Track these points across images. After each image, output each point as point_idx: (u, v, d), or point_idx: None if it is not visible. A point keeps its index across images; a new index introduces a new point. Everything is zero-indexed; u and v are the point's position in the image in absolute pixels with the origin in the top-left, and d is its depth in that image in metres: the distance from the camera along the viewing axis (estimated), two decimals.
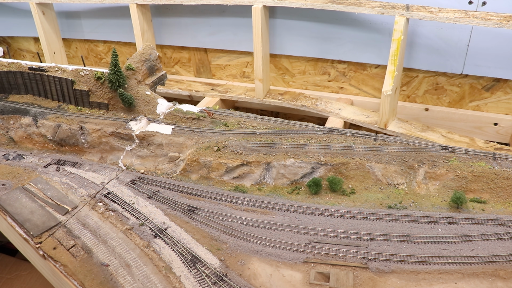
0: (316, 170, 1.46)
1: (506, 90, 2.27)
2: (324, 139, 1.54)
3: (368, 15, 2.29)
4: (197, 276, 1.13)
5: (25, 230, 1.32)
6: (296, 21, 2.51)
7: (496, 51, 2.14)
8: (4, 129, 1.84)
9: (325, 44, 2.51)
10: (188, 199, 1.44)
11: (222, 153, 1.51)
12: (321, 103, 2.44)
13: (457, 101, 2.41)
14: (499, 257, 1.11)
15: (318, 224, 1.28)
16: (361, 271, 1.11)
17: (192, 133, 1.65)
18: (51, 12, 2.98)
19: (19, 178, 1.56)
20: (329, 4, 2.15)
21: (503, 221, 1.23)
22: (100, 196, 1.47)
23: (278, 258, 1.17)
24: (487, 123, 2.32)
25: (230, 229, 1.28)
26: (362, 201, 1.37)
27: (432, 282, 1.07)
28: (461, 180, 1.37)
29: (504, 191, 1.33)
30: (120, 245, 1.25)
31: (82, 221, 1.36)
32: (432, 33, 2.23)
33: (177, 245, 1.23)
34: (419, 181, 1.41)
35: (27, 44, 3.58)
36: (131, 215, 1.37)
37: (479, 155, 1.42)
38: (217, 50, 2.88)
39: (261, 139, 1.56)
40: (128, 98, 1.72)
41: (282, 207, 1.37)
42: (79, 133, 1.72)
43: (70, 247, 1.26)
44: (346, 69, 2.58)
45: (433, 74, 2.38)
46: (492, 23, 1.83)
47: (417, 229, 1.24)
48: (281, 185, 1.48)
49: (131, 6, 2.61)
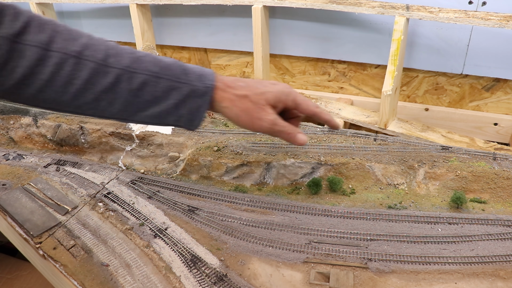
0: (316, 170, 1.46)
1: (506, 90, 2.27)
2: (324, 139, 1.54)
3: (368, 15, 2.29)
4: (197, 276, 1.13)
5: (25, 230, 1.32)
6: (296, 21, 2.51)
7: (496, 51, 2.14)
8: (4, 129, 1.84)
9: (325, 44, 2.51)
10: (188, 199, 1.44)
11: (222, 153, 1.51)
12: (321, 103, 2.44)
13: (457, 101, 2.41)
14: (499, 257, 1.11)
15: (318, 224, 1.28)
16: (361, 271, 1.11)
17: (192, 133, 1.65)
18: (51, 12, 2.98)
19: (19, 178, 1.56)
20: (329, 4, 2.15)
21: (503, 221, 1.23)
22: (100, 196, 1.47)
23: (278, 258, 1.17)
24: (487, 123, 2.32)
25: (230, 229, 1.28)
26: (362, 201, 1.37)
27: (432, 282, 1.07)
28: (461, 180, 1.37)
29: (504, 191, 1.33)
30: (120, 245, 1.25)
31: (82, 221, 1.36)
32: (432, 33, 2.23)
33: (177, 245, 1.23)
34: (419, 181, 1.41)
35: None
36: (131, 215, 1.37)
37: (479, 155, 1.42)
38: (217, 50, 2.88)
39: (261, 139, 1.56)
40: None
41: (282, 207, 1.37)
42: (79, 133, 1.72)
43: (70, 247, 1.26)
44: (346, 69, 2.58)
45: (433, 74, 2.38)
46: (492, 23, 1.83)
47: (417, 229, 1.24)
48: (281, 185, 1.48)
49: (131, 6, 2.61)
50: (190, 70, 1.06)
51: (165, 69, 1.05)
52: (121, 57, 1.03)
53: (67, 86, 1.02)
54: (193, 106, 1.04)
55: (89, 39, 1.03)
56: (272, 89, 1.08)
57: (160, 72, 1.04)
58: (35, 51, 0.98)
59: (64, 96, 1.03)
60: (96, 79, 1.02)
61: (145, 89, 1.04)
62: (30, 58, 0.98)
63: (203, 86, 1.04)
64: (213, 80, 1.06)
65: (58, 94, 1.03)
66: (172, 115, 1.06)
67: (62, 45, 1.00)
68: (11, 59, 0.98)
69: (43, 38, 0.99)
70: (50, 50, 0.99)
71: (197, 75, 1.05)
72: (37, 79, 1.00)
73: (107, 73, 1.02)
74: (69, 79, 1.01)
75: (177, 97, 1.04)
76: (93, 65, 1.01)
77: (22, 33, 0.98)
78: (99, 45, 1.03)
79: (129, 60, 1.03)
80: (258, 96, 1.05)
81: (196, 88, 1.04)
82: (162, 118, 1.07)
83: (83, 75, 1.01)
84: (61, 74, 1.00)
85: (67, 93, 1.03)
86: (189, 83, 1.04)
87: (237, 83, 1.07)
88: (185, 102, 1.04)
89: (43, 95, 1.03)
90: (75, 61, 1.00)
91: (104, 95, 1.03)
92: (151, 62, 1.05)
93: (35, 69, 0.99)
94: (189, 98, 1.04)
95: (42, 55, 0.99)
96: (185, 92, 1.04)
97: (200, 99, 1.04)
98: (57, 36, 1.00)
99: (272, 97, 1.06)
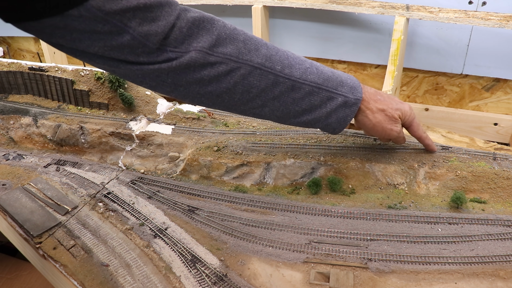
0: (316, 170, 1.46)
1: (506, 90, 2.27)
2: (324, 139, 1.54)
3: (368, 15, 2.29)
4: (197, 276, 1.13)
5: (25, 230, 1.32)
6: (296, 21, 2.51)
7: (496, 51, 2.14)
8: (4, 129, 1.84)
9: (325, 44, 2.51)
10: (188, 199, 1.44)
11: (222, 153, 1.51)
12: None
13: (457, 101, 2.41)
14: (499, 257, 1.11)
15: (318, 224, 1.28)
16: (361, 271, 1.11)
17: (192, 133, 1.65)
18: None
19: (19, 178, 1.56)
20: (329, 4, 2.15)
21: (503, 221, 1.23)
22: (100, 196, 1.47)
23: (278, 258, 1.17)
24: (487, 123, 2.32)
25: (230, 229, 1.28)
26: (362, 201, 1.37)
27: (432, 282, 1.07)
28: (461, 180, 1.37)
29: (504, 191, 1.33)
30: (120, 245, 1.25)
31: (82, 221, 1.36)
32: (432, 33, 2.23)
33: (177, 245, 1.23)
34: (419, 181, 1.41)
35: (27, 44, 3.58)
36: (131, 215, 1.37)
37: (479, 155, 1.42)
38: None
39: (261, 139, 1.56)
40: (128, 98, 1.72)
41: (282, 207, 1.37)
42: (79, 133, 1.72)
43: (70, 247, 1.26)
44: (346, 69, 2.58)
45: (433, 74, 2.38)
46: (492, 23, 1.83)
47: (417, 229, 1.24)
48: (281, 185, 1.48)
49: None
50: (344, 81, 1.16)
51: (327, 80, 1.14)
52: (294, 68, 1.10)
53: (244, 93, 1.09)
54: (342, 115, 1.17)
55: (267, 48, 1.09)
56: (402, 107, 1.28)
57: (323, 84, 1.13)
58: (227, 63, 1.04)
59: (236, 101, 1.11)
60: (270, 88, 1.09)
61: (307, 99, 1.13)
62: (220, 69, 1.04)
63: (354, 98, 1.15)
64: (361, 92, 1.17)
65: (231, 100, 1.10)
66: (321, 122, 1.18)
67: (248, 57, 1.06)
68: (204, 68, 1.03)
69: (232, 50, 1.04)
70: (239, 61, 1.05)
71: (349, 87, 1.16)
72: (220, 87, 1.07)
73: (281, 83, 1.09)
74: (249, 87, 1.08)
75: (331, 107, 1.14)
76: (272, 77, 1.08)
77: (215, 45, 1.03)
78: (275, 55, 1.09)
79: (300, 71, 1.11)
80: (392, 111, 1.24)
81: (348, 100, 1.15)
82: (311, 124, 1.19)
83: (261, 85, 1.08)
84: (244, 83, 1.07)
85: (241, 99, 1.10)
86: (343, 95, 1.14)
87: (377, 96, 1.22)
88: (336, 112, 1.15)
89: (218, 100, 1.10)
90: (258, 72, 1.06)
91: (271, 102, 1.11)
92: (316, 74, 1.13)
93: (221, 78, 1.05)
94: (341, 108, 1.15)
95: (232, 67, 1.05)
96: (338, 102, 1.14)
97: (349, 110, 1.16)
98: (243, 47, 1.06)
99: (401, 113, 1.27)
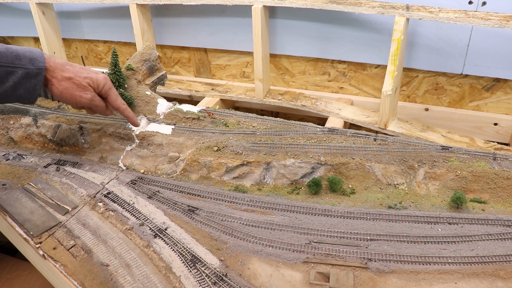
0: (316, 170, 1.46)
1: (506, 90, 2.27)
2: (324, 139, 1.54)
3: (368, 15, 2.29)
4: (197, 276, 1.13)
5: (25, 230, 1.32)
6: (296, 21, 2.51)
7: (496, 51, 2.14)
8: (4, 129, 1.84)
9: (325, 44, 2.51)
10: (188, 199, 1.44)
11: (222, 153, 1.51)
12: (321, 103, 2.44)
13: (457, 101, 2.41)
14: (499, 257, 1.11)
15: (318, 224, 1.28)
16: (361, 271, 1.11)
17: (192, 133, 1.65)
18: (51, 12, 2.98)
19: (19, 178, 1.56)
20: (329, 4, 2.15)
21: (503, 221, 1.23)
22: (100, 196, 1.47)
23: (278, 258, 1.17)
24: (487, 123, 2.32)
25: (230, 229, 1.28)
26: (362, 201, 1.37)
27: (432, 282, 1.07)
28: (461, 180, 1.37)
29: (504, 191, 1.33)
30: (120, 245, 1.25)
31: (82, 221, 1.36)
32: (432, 33, 2.23)
33: (177, 245, 1.23)
34: (419, 181, 1.41)
35: (27, 44, 3.58)
36: (131, 215, 1.37)
37: (479, 155, 1.42)
38: (217, 50, 2.88)
39: (261, 139, 1.56)
40: (128, 98, 1.72)
41: (282, 207, 1.37)
42: (79, 133, 1.72)
43: (70, 247, 1.26)
44: (346, 69, 2.58)
45: (433, 74, 2.38)
46: (492, 23, 1.83)
47: (417, 229, 1.24)
48: (281, 185, 1.48)
49: (131, 6, 2.61)
50: (22, 54, 1.25)
51: (0, 57, 1.22)
52: None
53: None
54: (28, 86, 1.26)
55: None
56: (93, 76, 1.36)
57: None
58: None
59: None
60: None
61: None
62: None
63: (36, 68, 1.25)
64: (43, 62, 1.27)
65: None
66: (12, 96, 1.27)
67: None
68: None
69: None
70: None
71: (29, 59, 1.25)
72: None
73: None
74: None
75: (14, 80, 1.23)
76: None
77: None
78: None
79: None
80: (80, 79, 1.32)
81: (30, 71, 1.25)
82: (3, 99, 1.27)
83: None
84: None
85: None
86: (23, 67, 1.24)
87: (66, 67, 1.31)
88: (21, 84, 1.25)
89: None
90: None
91: None
92: None
93: None
94: (25, 79, 1.24)
95: None
96: (20, 75, 1.24)
97: (35, 80, 1.26)
98: None
99: (91, 81, 1.35)
